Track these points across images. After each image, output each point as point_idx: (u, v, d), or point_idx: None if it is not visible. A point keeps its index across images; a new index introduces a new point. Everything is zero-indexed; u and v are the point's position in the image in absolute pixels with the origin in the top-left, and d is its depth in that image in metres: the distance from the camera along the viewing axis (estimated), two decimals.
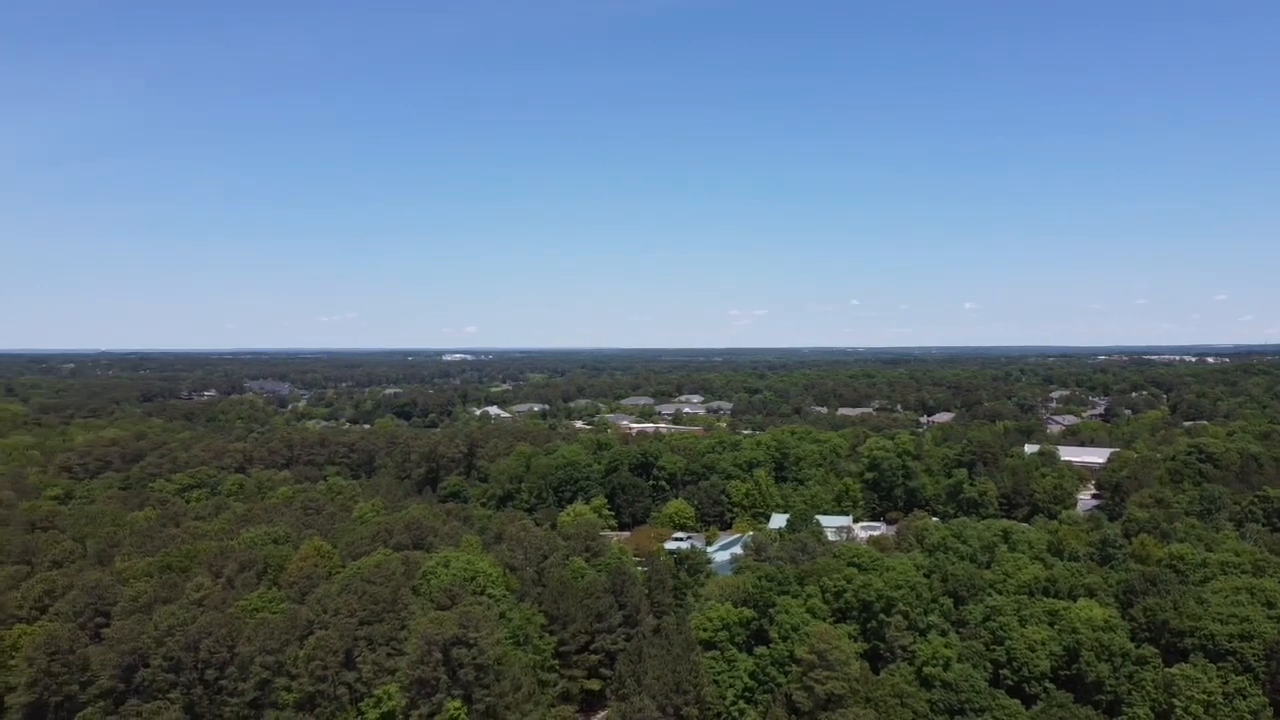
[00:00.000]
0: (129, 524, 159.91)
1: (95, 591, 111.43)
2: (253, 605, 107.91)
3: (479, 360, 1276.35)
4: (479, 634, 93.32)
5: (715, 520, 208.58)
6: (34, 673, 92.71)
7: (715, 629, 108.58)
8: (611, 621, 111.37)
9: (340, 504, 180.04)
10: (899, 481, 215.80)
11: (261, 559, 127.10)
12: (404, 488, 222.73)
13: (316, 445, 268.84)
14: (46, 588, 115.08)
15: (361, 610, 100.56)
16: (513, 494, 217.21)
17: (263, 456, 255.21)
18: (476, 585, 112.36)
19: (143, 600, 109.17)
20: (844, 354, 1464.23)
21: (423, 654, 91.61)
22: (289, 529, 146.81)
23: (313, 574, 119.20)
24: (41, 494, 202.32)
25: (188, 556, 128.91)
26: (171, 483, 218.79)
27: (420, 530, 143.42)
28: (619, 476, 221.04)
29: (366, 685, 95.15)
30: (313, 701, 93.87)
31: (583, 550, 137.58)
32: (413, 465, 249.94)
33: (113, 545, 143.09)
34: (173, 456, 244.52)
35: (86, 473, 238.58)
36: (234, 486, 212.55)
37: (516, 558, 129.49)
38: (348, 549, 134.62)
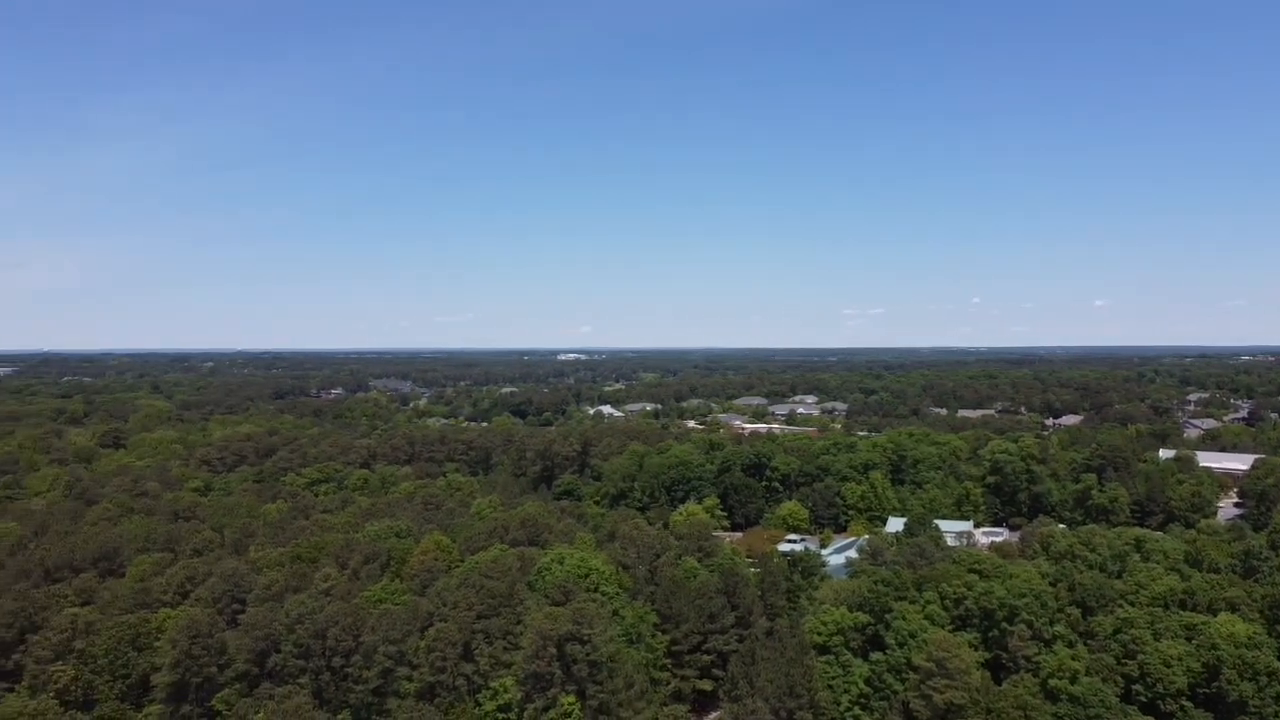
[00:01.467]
0: (262, 516, 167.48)
1: (232, 579, 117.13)
2: (376, 596, 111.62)
3: (593, 360, 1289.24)
4: (592, 631, 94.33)
5: (829, 523, 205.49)
6: (176, 654, 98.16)
7: (829, 633, 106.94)
8: (724, 622, 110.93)
9: (459, 500, 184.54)
10: (1023, 486, 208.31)
11: (385, 552, 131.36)
12: (520, 485, 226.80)
13: (436, 442, 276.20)
14: (188, 574, 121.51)
15: (479, 604, 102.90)
16: (625, 493, 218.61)
17: (386, 453, 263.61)
18: (590, 582, 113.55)
19: (275, 589, 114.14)
20: (964, 354, 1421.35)
21: (537, 649, 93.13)
22: (410, 523, 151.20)
23: (433, 567, 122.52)
24: (184, 486, 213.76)
25: (316, 548, 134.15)
26: (301, 477, 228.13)
27: (535, 527, 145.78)
28: (731, 477, 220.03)
29: (483, 677, 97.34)
30: (433, 691, 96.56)
31: (695, 550, 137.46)
32: (528, 463, 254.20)
33: (248, 535, 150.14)
34: (302, 452, 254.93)
35: (224, 466, 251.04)
36: (359, 481, 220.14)
37: (629, 556, 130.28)
38: (466, 544, 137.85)
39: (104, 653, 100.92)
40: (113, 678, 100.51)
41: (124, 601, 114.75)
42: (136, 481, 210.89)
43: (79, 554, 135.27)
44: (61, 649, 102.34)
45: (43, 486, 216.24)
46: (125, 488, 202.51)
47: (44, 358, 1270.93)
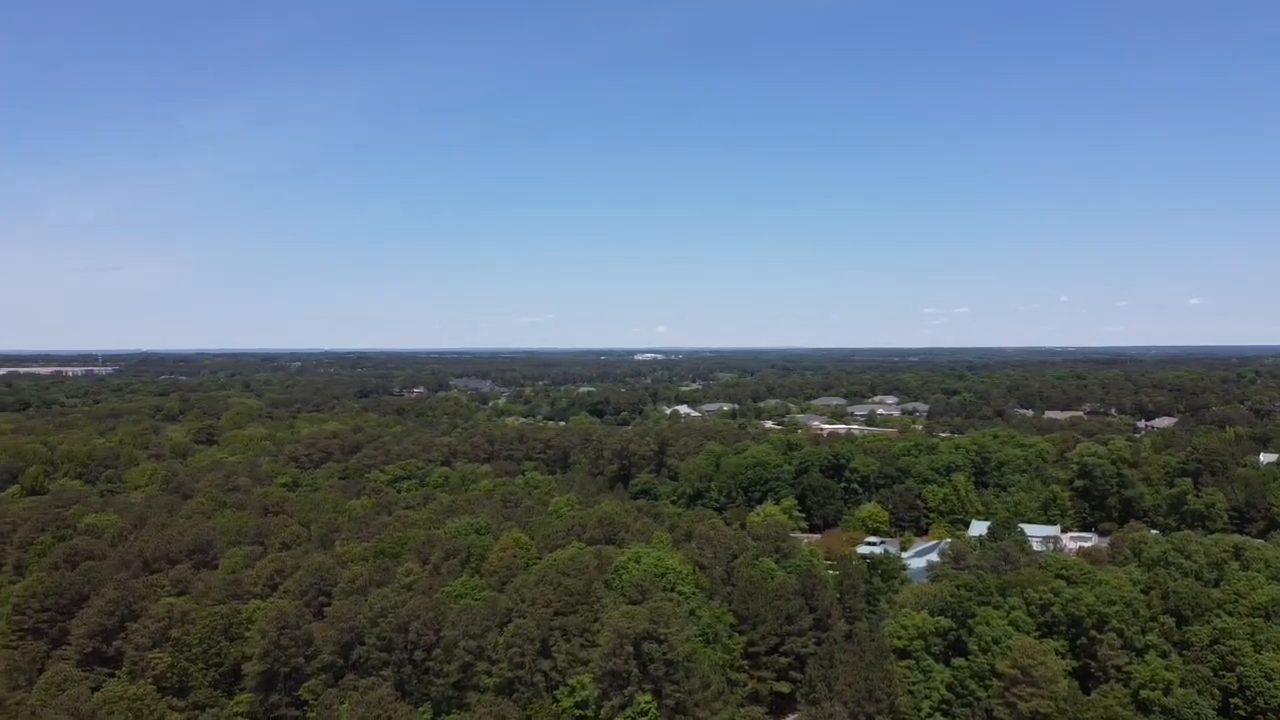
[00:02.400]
0: (347, 511, 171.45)
1: (318, 572, 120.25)
2: (457, 592, 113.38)
3: (669, 360, 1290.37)
4: (669, 630, 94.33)
5: (910, 525, 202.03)
6: (266, 644, 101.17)
7: (910, 637, 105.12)
8: (802, 624, 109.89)
9: (537, 498, 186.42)
10: (1113, 490, 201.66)
11: (465, 548, 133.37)
12: (597, 484, 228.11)
13: (515, 441, 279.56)
14: (277, 567, 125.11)
15: (557, 601, 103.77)
16: (702, 492, 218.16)
17: (466, 451, 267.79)
18: (666, 582, 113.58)
19: (359, 583, 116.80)
20: (1051, 354, 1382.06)
21: (614, 647, 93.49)
22: (490, 520, 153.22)
23: (511, 564, 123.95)
24: (273, 481, 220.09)
25: (399, 543, 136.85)
26: (385, 474, 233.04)
27: (612, 526, 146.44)
28: (810, 478, 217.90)
29: (561, 674, 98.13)
30: (511, 687, 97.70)
31: (772, 551, 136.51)
32: (605, 462, 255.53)
33: (333, 530, 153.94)
34: (386, 449, 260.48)
35: (311, 463, 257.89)
36: (440, 478, 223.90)
37: (706, 556, 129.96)
38: (544, 541, 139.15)
39: (198, 641, 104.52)
40: (206, 665, 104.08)
41: (217, 592, 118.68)
42: (228, 477, 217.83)
43: (175, 546, 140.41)
44: (159, 637, 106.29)
45: (141, 481, 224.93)
46: (218, 483, 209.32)
47: (143, 357, 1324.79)
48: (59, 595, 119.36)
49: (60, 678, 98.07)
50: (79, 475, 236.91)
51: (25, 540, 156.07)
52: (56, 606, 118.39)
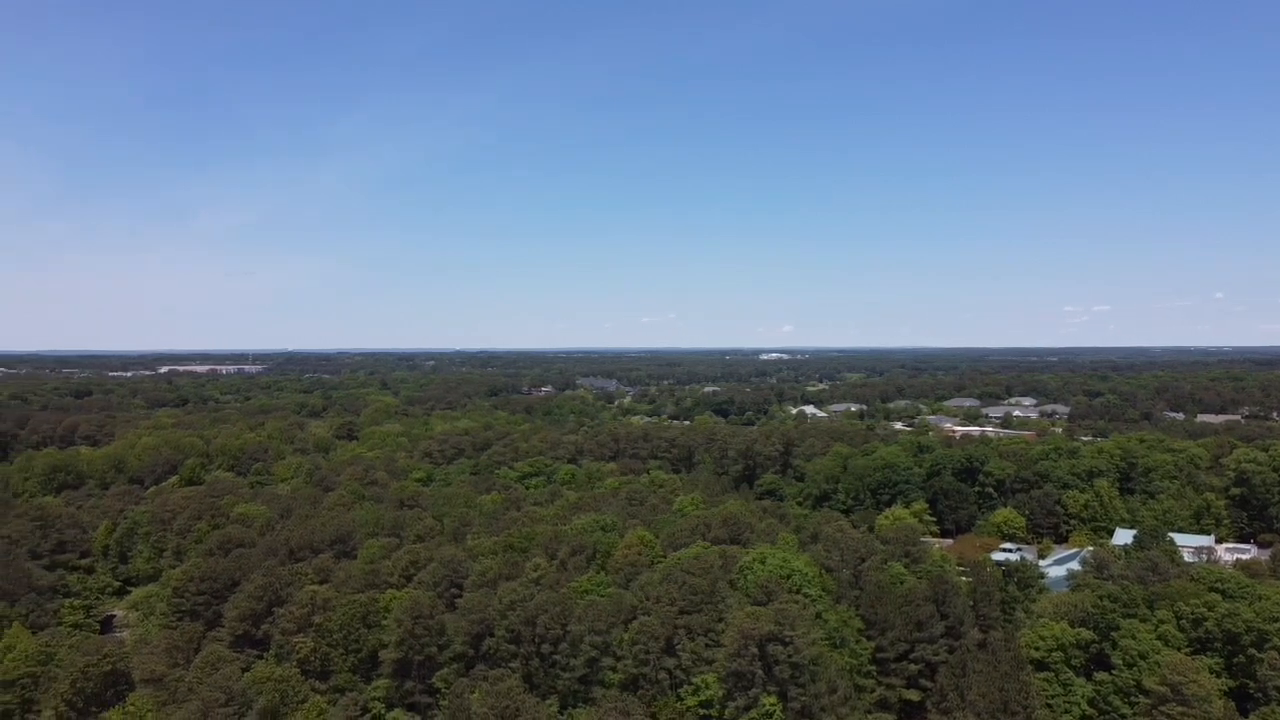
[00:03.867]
0: (478, 506, 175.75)
1: (450, 565, 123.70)
2: (583, 587, 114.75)
3: (795, 359, 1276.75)
4: (795, 632, 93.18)
5: (1049, 532, 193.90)
6: (401, 633, 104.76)
7: (1048, 648, 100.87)
8: (933, 631, 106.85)
9: (662, 496, 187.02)
10: (1274, 499, 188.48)
11: (591, 545, 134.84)
12: (721, 483, 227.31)
13: (640, 439, 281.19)
14: (412, 559, 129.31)
15: (681, 600, 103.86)
16: (829, 494, 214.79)
17: (592, 449, 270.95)
18: (792, 584, 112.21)
19: (489, 576, 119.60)
20: (1203, 354, 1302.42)
21: (739, 647, 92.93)
22: (615, 518, 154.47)
23: (636, 561, 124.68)
24: (408, 476, 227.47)
25: (527, 538, 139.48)
26: (514, 470, 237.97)
27: (737, 526, 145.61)
28: (941, 481, 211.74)
29: (685, 673, 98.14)
30: (636, 683, 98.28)
31: (902, 555, 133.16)
32: (730, 461, 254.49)
33: (465, 524, 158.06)
34: (515, 446, 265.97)
35: (444, 458, 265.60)
36: (567, 476, 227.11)
37: (833, 558, 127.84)
38: (668, 540, 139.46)
39: (338, 628, 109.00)
40: (346, 651, 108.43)
41: (356, 581, 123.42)
42: (367, 471, 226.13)
43: (318, 536, 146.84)
44: (302, 622, 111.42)
45: (288, 474, 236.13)
46: (357, 476, 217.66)
47: (289, 356, 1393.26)
48: (213, 580, 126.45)
49: (214, 657, 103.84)
50: (231, 467, 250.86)
51: (184, 527, 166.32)
52: (211, 590, 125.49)
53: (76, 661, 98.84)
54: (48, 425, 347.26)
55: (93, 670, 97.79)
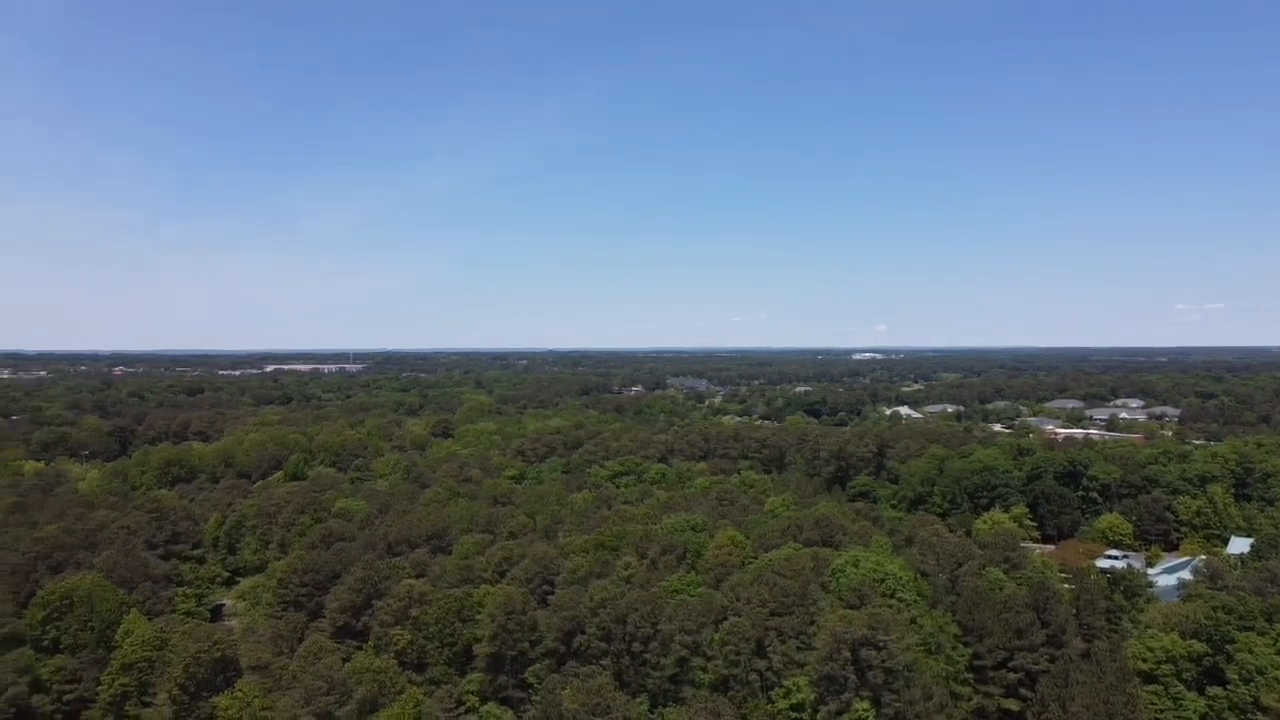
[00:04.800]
0: (570, 504, 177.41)
1: (542, 562, 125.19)
2: (673, 587, 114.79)
3: (889, 359, 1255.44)
4: (889, 637, 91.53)
5: (1157, 539, 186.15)
6: (494, 628, 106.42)
7: (1157, 660, 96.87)
8: (1033, 639, 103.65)
9: (752, 497, 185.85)
10: None
11: (681, 544, 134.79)
12: (813, 484, 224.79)
13: (731, 439, 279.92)
14: (505, 555, 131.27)
15: (772, 601, 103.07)
16: (924, 497, 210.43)
17: (682, 448, 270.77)
18: (886, 587, 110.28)
19: (580, 573, 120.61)
20: None
21: (831, 651, 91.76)
22: (706, 518, 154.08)
23: (727, 562, 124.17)
24: (501, 474, 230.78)
25: (617, 537, 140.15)
26: (604, 469, 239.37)
27: (829, 527, 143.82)
28: (1043, 484, 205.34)
29: (776, 675, 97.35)
30: (726, 684, 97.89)
31: (1000, 560, 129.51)
32: (822, 463, 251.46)
33: (556, 522, 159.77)
34: (605, 445, 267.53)
35: (536, 456, 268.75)
36: (657, 475, 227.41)
37: (928, 563, 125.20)
38: (759, 540, 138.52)
39: (434, 621, 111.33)
40: (441, 644, 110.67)
41: (451, 576, 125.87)
42: (462, 468, 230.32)
43: (414, 531, 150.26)
44: (400, 615, 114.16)
45: (386, 470, 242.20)
46: (452, 473, 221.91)
47: (387, 356, 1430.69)
48: (316, 572, 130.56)
49: (316, 647, 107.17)
50: (333, 463, 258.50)
51: (288, 521, 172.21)
52: (314, 582, 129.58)
53: (189, 648, 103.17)
54: (163, 422, 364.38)
55: (204, 656, 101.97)
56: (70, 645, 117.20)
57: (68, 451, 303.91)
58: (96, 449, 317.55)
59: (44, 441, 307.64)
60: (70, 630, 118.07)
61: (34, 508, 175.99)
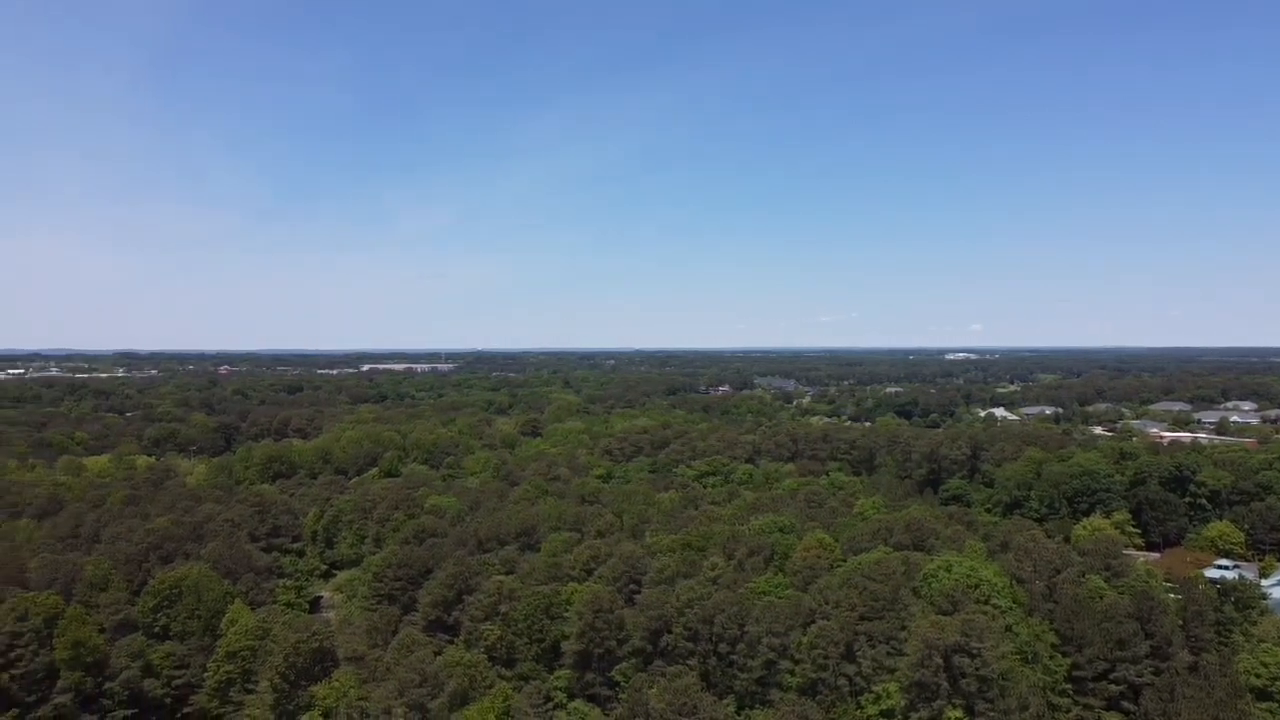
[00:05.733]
0: (657, 504, 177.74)
1: (630, 561, 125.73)
2: (760, 588, 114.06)
3: (984, 359, 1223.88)
4: (983, 644, 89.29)
5: (1272, 549, 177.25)
6: (582, 625, 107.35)
7: (1271, 676, 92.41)
8: (1136, 651, 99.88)
9: (841, 499, 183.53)
10: None
11: (769, 546, 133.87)
12: (904, 487, 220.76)
13: (819, 440, 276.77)
14: (592, 554, 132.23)
15: (862, 605, 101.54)
16: (1020, 501, 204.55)
17: (770, 449, 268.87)
18: (980, 594, 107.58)
19: (667, 573, 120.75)
20: None
21: (923, 657, 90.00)
22: (794, 519, 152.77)
23: (815, 564, 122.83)
24: (589, 473, 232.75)
25: (704, 537, 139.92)
26: (691, 469, 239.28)
27: (921, 531, 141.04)
28: (1146, 490, 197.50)
29: (866, 680, 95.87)
30: (814, 688, 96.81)
31: (1101, 568, 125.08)
32: (913, 465, 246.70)
33: (643, 521, 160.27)
34: (692, 445, 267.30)
35: (623, 456, 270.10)
36: (744, 475, 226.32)
37: (1024, 569, 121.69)
38: (848, 543, 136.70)
39: (523, 617, 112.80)
40: (530, 640, 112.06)
41: (539, 574, 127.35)
42: (550, 467, 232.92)
43: (504, 529, 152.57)
44: (490, 611, 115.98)
45: (477, 468, 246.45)
46: (541, 472, 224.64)
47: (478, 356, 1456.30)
48: (409, 567, 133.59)
49: (410, 640, 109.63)
50: (425, 461, 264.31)
51: (383, 516, 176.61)
52: (407, 576, 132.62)
53: (289, 638, 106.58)
54: (265, 419, 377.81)
55: (303, 646, 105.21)
56: (179, 632, 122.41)
57: (177, 447, 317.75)
58: (203, 445, 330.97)
59: (155, 438, 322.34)
60: (179, 618, 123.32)
61: (146, 500, 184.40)
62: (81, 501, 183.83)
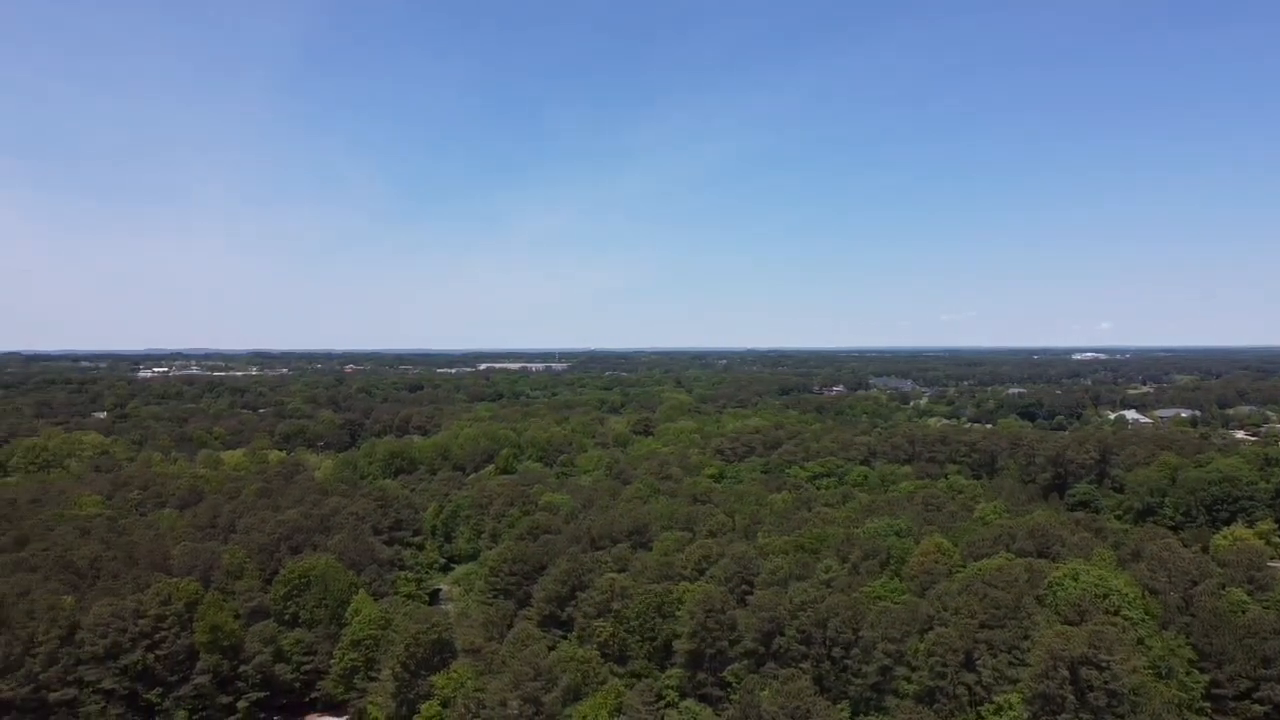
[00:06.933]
0: (769, 504, 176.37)
1: (741, 561, 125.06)
2: (876, 593, 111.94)
3: (1114, 359, 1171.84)
4: (1112, 657, 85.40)
5: None
6: (694, 625, 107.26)
7: None
8: None
9: (961, 503, 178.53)
10: None
11: (884, 549, 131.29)
12: (1027, 491, 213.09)
13: (937, 442, 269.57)
14: (704, 553, 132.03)
15: (982, 613, 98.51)
16: (1154, 508, 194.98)
17: (886, 451, 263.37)
18: (1109, 604, 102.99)
19: (779, 575, 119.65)
20: None
21: (1047, 668, 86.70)
22: (910, 523, 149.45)
23: (933, 570, 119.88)
24: (700, 472, 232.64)
25: (818, 539, 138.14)
26: (804, 470, 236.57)
27: (1045, 538, 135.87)
28: None
29: (986, 690, 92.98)
30: (932, 696, 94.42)
31: (1243, 580, 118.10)
32: (1037, 469, 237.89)
33: (755, 522, 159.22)
34: (805, 446, 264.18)
35: (735, 456, 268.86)
36: (859, 477, 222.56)
37: (1158, 580, 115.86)
38: (968, 549, 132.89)
39: (635, 615, 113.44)
40: (642, 638, 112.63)
41: (651, 572, 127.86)
42: (662, 466, 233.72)
43: (616, 527, 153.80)
44: (602, 608, 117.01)
45: (589, 466, 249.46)
46: (653, 471, 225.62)
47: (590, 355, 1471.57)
48: (524, 562, 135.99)
49: (524, 635, 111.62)
50: (540, 458, 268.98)
51: (499, 512, 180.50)
52: (522, 572, 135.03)
53: (410, 628, 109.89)
54: (387, 416, 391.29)
55: (423, 637, 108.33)
56: (307, 620, 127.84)
57: (305, 442, 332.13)
58: (330, 440, 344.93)
59: (285, 433, 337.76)
60: (307, 606, 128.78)
61: (277, 493, 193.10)
62: (219, 493, 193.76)
